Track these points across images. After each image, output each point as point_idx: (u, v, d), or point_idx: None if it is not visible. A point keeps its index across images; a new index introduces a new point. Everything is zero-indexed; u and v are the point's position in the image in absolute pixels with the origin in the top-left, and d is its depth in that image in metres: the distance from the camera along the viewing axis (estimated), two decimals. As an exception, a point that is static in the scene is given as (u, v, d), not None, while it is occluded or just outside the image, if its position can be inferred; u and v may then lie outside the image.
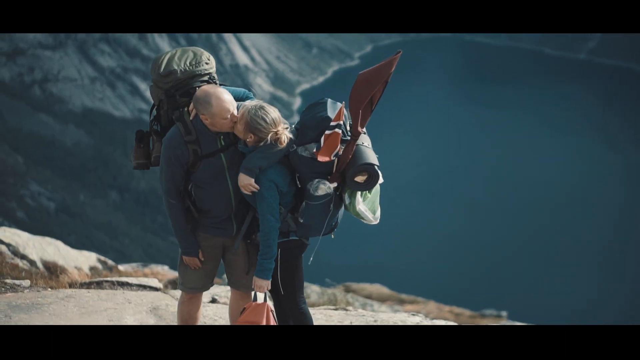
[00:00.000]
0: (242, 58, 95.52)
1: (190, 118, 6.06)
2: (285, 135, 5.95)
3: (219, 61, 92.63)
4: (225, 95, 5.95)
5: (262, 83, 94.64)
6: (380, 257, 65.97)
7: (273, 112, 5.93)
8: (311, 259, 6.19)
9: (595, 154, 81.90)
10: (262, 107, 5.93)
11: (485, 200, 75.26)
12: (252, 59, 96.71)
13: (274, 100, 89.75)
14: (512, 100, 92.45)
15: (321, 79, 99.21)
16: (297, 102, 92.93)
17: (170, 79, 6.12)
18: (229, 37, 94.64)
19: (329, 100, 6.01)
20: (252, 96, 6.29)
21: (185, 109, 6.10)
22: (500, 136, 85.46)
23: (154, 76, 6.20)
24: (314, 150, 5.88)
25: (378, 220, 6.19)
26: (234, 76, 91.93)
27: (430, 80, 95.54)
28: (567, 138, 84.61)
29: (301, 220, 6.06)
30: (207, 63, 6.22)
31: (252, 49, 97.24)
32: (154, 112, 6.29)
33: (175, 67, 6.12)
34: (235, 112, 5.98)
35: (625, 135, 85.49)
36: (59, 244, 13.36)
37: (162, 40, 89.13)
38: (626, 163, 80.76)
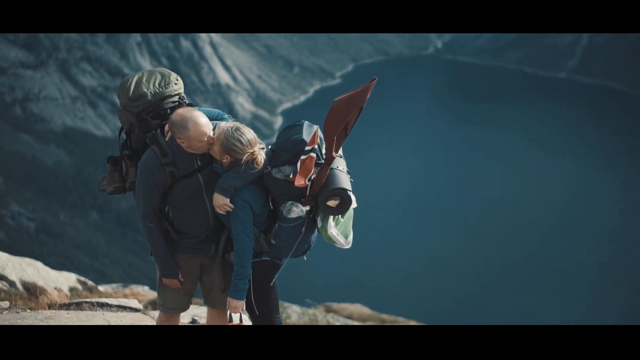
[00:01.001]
0: (224, 77, 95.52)
1: (166, 139, 6.04)
2: (261, 156, 5.94)
3: (200, 80, 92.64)
4: (201, 119, 5.93)
5: (243, 102, 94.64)
6: (361, 276, 65.72)
7: (248, 133, 5.92)
8: (274, 280, 6.20)
9: (582, 171, 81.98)
10: (237, 129, 5.92)
11: (470, 218, 75.13)
12: (234, 78, 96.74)
13: (255, 120, 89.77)
14: (497, 118, 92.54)
15: (303, 98, 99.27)
16: (278, 121, 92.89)
17: (141, 102, 6.10)
18: (210, 55, 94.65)
19: (306, 123, 6.03)
20: (226, 117, 6.28)
21: (159, 130, 6.07)
22: (487, 154, 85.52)
23: (122, 100, 6.15)
24: (289, 173, 5.89)
25: (350, 245, 6.18)
26: (215, 95, 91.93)
27: (413, 98, 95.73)
28: (552, 156, 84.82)
29: (273, 242, 6.06)
30: (175, 84, 6.21)
31: (233, 68, 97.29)
32: (123, 136, 6.26)
33: (145, 90, 6.10)
34: (212, 134, 5.97)
35: (614, 152, 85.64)
36: (39, 264, 13.29)
37: (143, 59, 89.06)
38: (617, 180, 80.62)
